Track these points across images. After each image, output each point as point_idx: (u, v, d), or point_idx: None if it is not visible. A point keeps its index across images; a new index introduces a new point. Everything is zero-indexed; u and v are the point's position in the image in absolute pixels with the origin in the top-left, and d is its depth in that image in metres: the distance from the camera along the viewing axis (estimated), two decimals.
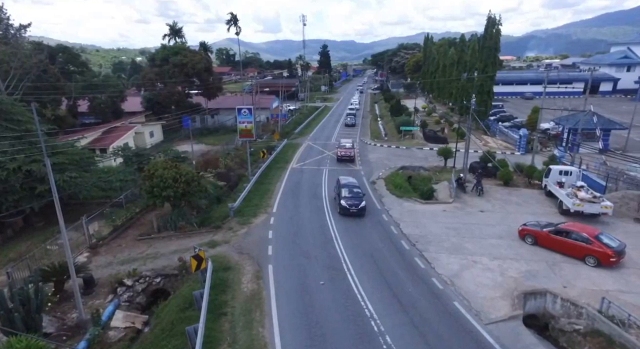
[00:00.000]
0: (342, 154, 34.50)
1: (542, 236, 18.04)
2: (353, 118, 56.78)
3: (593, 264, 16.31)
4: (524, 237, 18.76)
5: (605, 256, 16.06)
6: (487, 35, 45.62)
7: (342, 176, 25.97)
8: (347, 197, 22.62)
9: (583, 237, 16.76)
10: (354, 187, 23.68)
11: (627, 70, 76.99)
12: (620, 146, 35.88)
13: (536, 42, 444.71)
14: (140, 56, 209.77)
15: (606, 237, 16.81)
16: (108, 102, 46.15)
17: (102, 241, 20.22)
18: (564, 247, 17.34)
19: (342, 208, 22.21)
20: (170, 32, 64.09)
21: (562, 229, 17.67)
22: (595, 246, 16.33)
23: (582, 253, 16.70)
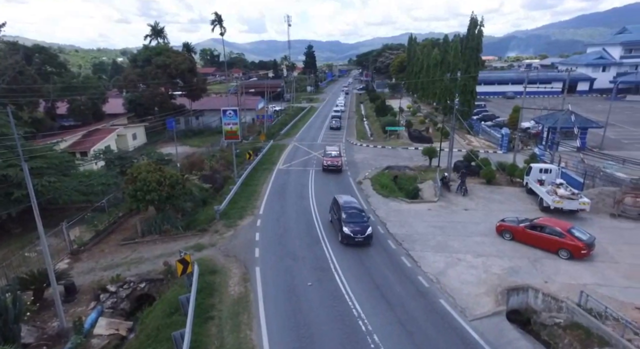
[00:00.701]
0: (328, 163, 31.76)
1: (519, 232, 18.59)
2: (338, 121, 55.01)
3: (566, 257, 17.00)
4: (502, 233, 19.25)
5: (577, 249, 16.78)
6: (470, 36, 46.46)
7: (339, 195, 21.98)
8: (349, 223, 18.71)
9: (556, 232, 17.45)
10: (356, 208, 19.74)
11: (603, 71, 79.63)
12: (597, 143, 37.07)
13: (517, 43, 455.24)
14: (121, 57, 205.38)
15: (577, 231, 17.54)
16: (88, 104, 45.00)
17: (83, 247, 19.75)
18: (539, 242, 17.95)
19: (345, 237, 18.48)
20: (152, 33, 62.99)
21: (537, 224, 18.28)
22: (568, 239, 17.04)
23: (555, 247, 17.36)
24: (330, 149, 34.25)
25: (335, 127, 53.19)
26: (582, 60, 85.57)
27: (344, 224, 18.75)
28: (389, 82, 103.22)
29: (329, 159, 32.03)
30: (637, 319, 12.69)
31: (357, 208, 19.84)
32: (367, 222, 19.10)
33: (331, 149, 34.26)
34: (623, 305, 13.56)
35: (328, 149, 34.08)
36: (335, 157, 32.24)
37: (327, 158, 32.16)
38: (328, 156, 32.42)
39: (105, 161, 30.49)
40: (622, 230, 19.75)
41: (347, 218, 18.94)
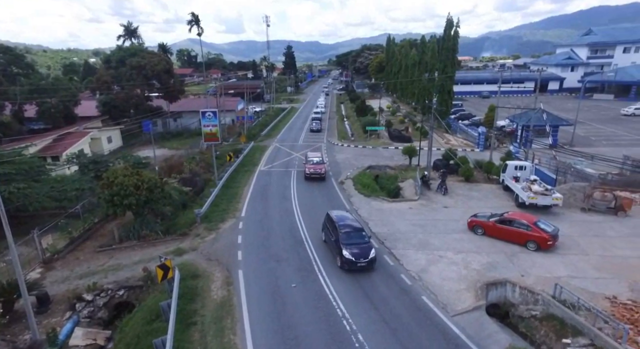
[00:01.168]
0: (310, 171, 29.66)
1: (489, 227, 19.27)
2: (319, 123, 53.85)
3: (533, 249, 17.83)
4: (473, 228, 19.86)
5: (543, 240, 17.65)
6: (446, 36, 47.44)
7: (333, 211, 19.79)
8: (349, 245, 16.53)
9: (524, 225, 18.27)
10: (355, 227, 17.61)
11: (571, 70, 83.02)
12: (568, 141, 38.60)
13: (491, 43, 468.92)
14: (93, 57, 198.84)
15: (543, 223, 18.42)
16: (59, 107, 43.29)
17: (57, 255, 19.00)
18: (508, 235, 18.69)
19: (347, 262, 16.18)
20: (125, 33, 61.38)
21: (505, 218, 19.03)
22: (535, 231, 17.89)
23: (524, 239, 18.15)
24: (312, 155, 32.54)
25: (315, 130, 51.87)
26: (552, 61, 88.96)
27: (344, 246, 16.43)
28: (368, 83, 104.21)
29: (312, 166, 30.07)
30: (606, 309, 13.33)
31: (356, 227, 17.71)
32: (368, 243, 17.00)
33: (313, 155, 32.59)
34: (594, 295, 14.18)
35: (310, 156, 32.29)
36: (318, 164, 30.38)
37: (310, 166, 30.14)
38: (310, 163, 30.48)
39: (79, 165, 29.42)
40: (591, 223, 20.65)
41: (346, 239, 16.71)
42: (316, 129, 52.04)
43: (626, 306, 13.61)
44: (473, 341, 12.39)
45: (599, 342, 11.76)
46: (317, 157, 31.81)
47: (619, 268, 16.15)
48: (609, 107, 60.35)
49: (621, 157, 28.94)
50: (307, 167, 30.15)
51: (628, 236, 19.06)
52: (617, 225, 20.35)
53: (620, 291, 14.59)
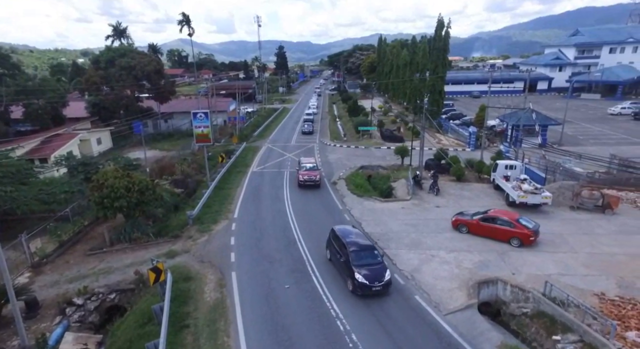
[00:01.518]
0: (305, 178, 27.93)
1: (473, 224, 19.56)
2: (310, 125, 52.21)
3: (517, 245, 18.22)
4: (458, 227, 20.09)
5: (526, 237, 18.07)
6: (437, 37, 47.82)
7: (339, 226, 18.09)
8: (362, 267, 14.82)
9: (507, 222, 18.63)
10: (365, 245, 16.03)
11: (559, 70, 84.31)
12: (556, 140, 39.21)
13: (481, 44, 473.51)
14: (82, 57, 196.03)
15: (524, 220, 18.81)
16: (47, 108, 42.59)
17: (46, 259, 18.72)
18: (492, 233, 19.01)
19: (360, 286, 14.47)
20: (114, 33, 60.60)
21: (489, 216, 19.36)
22: (518, 228, 18.28)
23: (507, 236, 18.52)
24: (305, 161, 30.51)
25: (307, 132, 50.44)
26: (540, 61, 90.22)
27: (355, 268, 14.76)
28: (360, 83, 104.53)
29: (306, 172, 28.23)
30: (595, 305, 13.58)
31: (367, 244, 16.15)
32: (382, 263, 15.37)
33: (307, 161, 30.56)
34: (583, 292, 14.44)
35: (303, 161, 30.29)
36: (313, 171, 28.56)
37: (304, 172, 28.29)
38: (304, 169, 28.68)
39: (68, 167, 28.98)
40: (580, 221, 21.02)
41: (357, 260, 15.08)
42: (308, 131, 50.66)
43: (614, 303, 13.90)
44: (465, 340, 12.52)
45: (587, 338, 11.98)
46: (311, 163, 30.01)
47: (607, 265, 16.47)
48: (596, 107, 61.45)
49: (608, 156, 29.52)
50: (300, 174, 28.24)
51: (615, 234, 19.44)
52: (605, 223, 20.74)
53: (608, 287, 14.88)
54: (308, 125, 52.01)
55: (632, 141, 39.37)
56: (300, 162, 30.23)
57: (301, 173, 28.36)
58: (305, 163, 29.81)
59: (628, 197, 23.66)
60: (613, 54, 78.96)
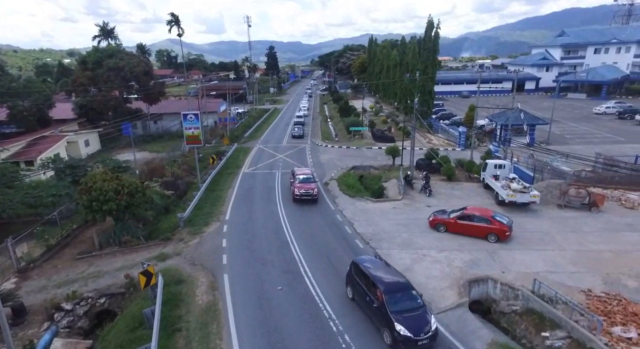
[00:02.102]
0: (301, 192, 24.94)
1: (451, 223, 19.85)
2: (301, 128, 50.04)
3: (494, 241, 18.73)
4: (436, 226, 20.31)
5: (503, 232, 18.62)
6: (427, 37, 48.21)
7: (362, 258, 15.07)
8: (401, 314, 12.04)
9: (484, 219, 19.06)
10: (401, 285, 13.10)
11: (546, 70, 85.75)
12: (544, 139, 39.87)
13: (470, 44, 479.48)
14: (68, 58, 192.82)
15: (499, 216, 19.34)
16: (32, 109, 41.74)
17: (33, 264, 18.35)
18: (470, 230, 19.37)
19: (403, 340, 11.58)
20: (101, 33, 59.63)
21: (466, 214, 19.71)
22: (494, 224, 18.76)
23: (484, 232, 18.94)
24: (300, 172, 27.48)
25: (297, 136, 48.09)
26: (528, 61, 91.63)
27: (394, 317, 11.90)
28: (351, 83, 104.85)
29: (302, 185, 25.28)
30: (582, 302, 13.86)
31: (403, 283, 13.19)
32: (423, 305, 12.61)
33: (301, 172, 27.56)
34: (570, 289, 14.72)
35: (297, 172, 27.38)
36: (309, 183, 25.70)
37: (299, 185, 25.35)
38: (298, 181, 25.78)
39: (55, 170, 28.45)
40: (567, 219, 21.41)
41: (394, 304, 12.19)
42: (298, 134, 48.46)
43: (600, 299, 14.20)
44: (457, 338, 12.67)
45: (575, 334, 12.22)
46: (306, 174, 27.04)
47: (593, 262, 16.83)
48: (582, 106, 62.64)
49: (594, 155, 30.13)
50: (296, 187, 25.36)
51: (601, 231, 19.87)
52: (591, 220, 21.18)
53: (594, 284, 15.20)
54: (298, 128, 50.14)
55: (616, 140, 40.24)
56: (295, 174, 27.24)
57: (296, 186, 25.42)
58: (300, 174, 26.76)
59: (613, 195, 24.17)
60: (598, 55, 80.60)
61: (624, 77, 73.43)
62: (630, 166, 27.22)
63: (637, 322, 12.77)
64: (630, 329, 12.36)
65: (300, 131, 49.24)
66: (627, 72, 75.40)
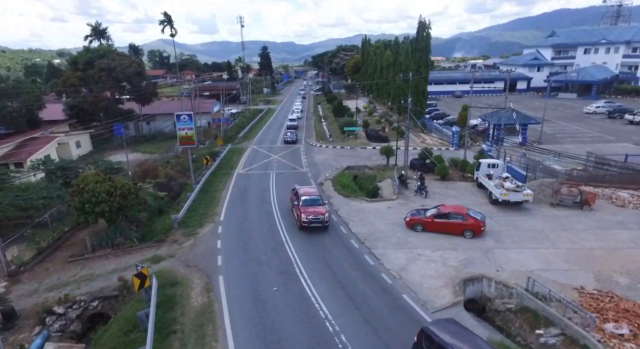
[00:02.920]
0: (310, 218, 20.01)
1: (428, 222, 20.08)
2: (294, 133, 46.28)
3: (470, 236, 19.17)
4: (413, 226, 20.42)
5: (478, 227, 19.25)
6: (419, 38, 48.48)
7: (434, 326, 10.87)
8: None
9: (459, 216, 19.45)
10: None
11: (538, 70, 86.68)
12: (536, 138, 40.28)
13: (462, 44, 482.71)
14: (58, 58, 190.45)
15: (472, 212, 19.75)
16: (22, 111, 41.11)
17: (24, 267, 18.09)
18: (447, 228, 19.71)
19: None
20: (93, 33, 58.98)
21: (441, 212, 20.01)
22: (470, 220, 19.16)
23: (461, 229, 19.35)
24: (304, 191, 22.37)
25: (290, 141, 44.53)
26: (519, 61, 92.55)
27: None
28: (345, 83, 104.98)
29: (309, 209, 20.35)
30: (575, 299, 14.02)
31: None
32: None
33: (306, 191, 22.46)
34: (564, 287, 14.88)
35: (301, 191, 22.15)
36: (317, 206, 20.80)
37: (307, 209, 20.34)
38: (304, 204, 20.79)
39: (46, 172, 28.06)
40: (560, 218, 21.65)
41: None
42: (291, 140, 44.83)
43: (592, 296, 14.37)
44: None
45: (569, 331, 12.36)
46: (313, 194, 22.05)
47: (586, 260, 17.03)
48: (573, 106, 63.42)
49: (585, 154, 30.50)
50: (302, 212, 20.19)
51: (593, 229, 20.12)
52: (583, 218, 21.44)
53: (587, 281, 15.39)
54: (291, 133, 46.19)
55: (606, 139, 40.80)
56: (297, 193, 22.11)
57: (303, 210, 20.46)
58: (304, 193, 21.83)
59: (604, 194, 24.49)
60: (587, 55, 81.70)
61: (613, 77, 74.56)
62: (620, 164, 27.59)
63: (629, 318, 12.95)
64: (622, 325, 12.52)
65: (293, 136, 45.47)
66: (616, 72, 76.57)
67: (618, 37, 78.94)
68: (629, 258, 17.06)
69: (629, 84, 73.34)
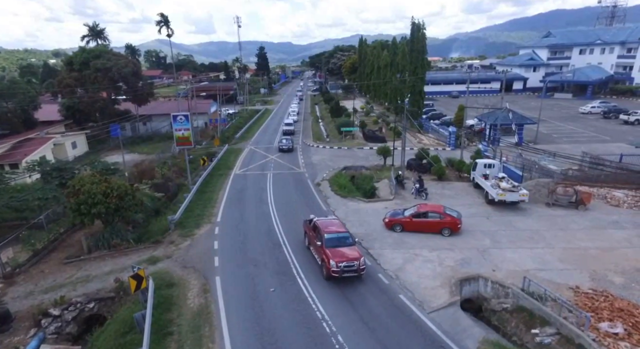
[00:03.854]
0: (342, 265, 15.28)
1: (407, 222, 20.26)
2: (289, 140, 41.63)
3: (447, 234, 19.51)
4: (392, 227, 20.55)
5: (455, 225, 19.66)
6: (415, 39, 48.65)
7: None
8: None
9: (437, 214, 19.73)
10: None
11: (534, 71, 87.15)
12: (532, 138, 40.49)
13: (459, 44, 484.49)
14: (53, 58, 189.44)
15: (449, 210, 20.07)
16: (17, 111, 40.85)
17: (19, 269, 17.96)
18: (425, 227, 19.96)
19: None
20: (90, 33, 58.65)
21: (420, 212, 20.25)
22: (447, 218, 19.50)
23: (438, 227, 19.66)
24: (326, 225, 17.43)
25: (286, 149, 40.33)
26: (515, 61, 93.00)
27: None
28: (342, 84, 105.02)
29: (338, 252, 15.77)
30: (570, 298, 14.10)
31: None
32: None
33: (328, 225, 17.45)
34: (559, 286, 14.98)
35: (322, 225, 17.35)
36: (347, 247, 16.22)
37: (334, 252, 15.72)
38: (332, 245, 16.11)
39: (41, 173, 27.89)
40: (556, 217, 21.77)
41: None
42: (287, 148, 40.31)
43: (587, 295, 14.47)
44: (449, 336, 12.77)
45: (564, 330, 12.43)
46: (338, 231, 17.06)
47: (581, 259, 17.14)
48: (568, 106, 63.79)
49: (580, 154, 30.70)
50: (330, 257, 15.49)
51: (588, 229, 20.25)
52: (578, 218, 21.57)
53: (582, 281, 15.49)
54: (287, 140, 41.79)
55: (601, 139, 41.07)
56: (318, 227, 17.30)
57: (331, 254, 15.63)
58: (328, 232, 16.76)
59: (599, 193, 24.66)
60: (583, 55, 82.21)
61: (609, 78, 75.04)
62: (615, 164, 27.78)
63: (623, 317, 13.05)
64: (616, 324, 12.62)
65: (289, 144, 40.86)
66: (611, 73, 77.08)
67: (613, 38, 79.50)
68: (623, 257, 17.19)
69: (623, 84, 73.83)
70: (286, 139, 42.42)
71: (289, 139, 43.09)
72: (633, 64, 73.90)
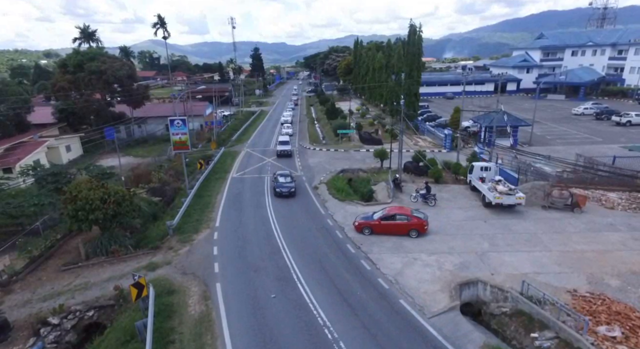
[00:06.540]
0: None
1: (376, 225, 20.56)
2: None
3: (415, 236, 20.11)
4: (362, 230, 20.81)
5: (422, 226, 20.12)
6: (410, 41, 48.83)
7: None
8: None
9: (405, 216, 20.10)
10: None
11: (527, 72, 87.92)
12: (526, 140, 40.89)
13: (452, 45, 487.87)
14: (45, 59, 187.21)
15: (416, 212, 20.57)
16: (9, 114, 40.32)
17: (16, 277, 17.78)
18: (393, 229, 20.30)
19: None
20: (82, 35, 58.06)
21: (388, 214, 20.59)
22: (414, 220, 19.89)
23: (406, 229, 20.05)
24: None
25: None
26: (509, 63, 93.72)
27: None
28: (337, 85, 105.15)
29: None
30: (568, 302, 14.30)
31: None
32: None
33: None
34: (557, 290, 15.16)
35: None
36: None
37: None
38: None
39: (36, 177, 27.57)
40: (552, 220, 22.02)
41: None
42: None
43: (585, 298, 14.67)
44: (449, 342, 12.87)
45: (563, 334, 12.60)
46: None
47: (578, 262, 17.36)
48: (561, 107, 64.51)
49: (574, 156, 31.07)
50: None
51: (584, 231, 20.52)
52: (574, 221, 21.84)
53: (579, 284, 15.70)
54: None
55: (594, 140, 41.60)
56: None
57: None
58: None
59: (594, 196, 24.99)
60: (575, 57, 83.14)
61: (600, 79, 75.98)
62: (609, 167, 28.14)
63: (621, 321, 13.26)
64: (614, 328, 12.82)
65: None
66: (603, 74, 78.05)
67: (604, 40, 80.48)
68: (619, 260, 17.45)
69: (615, 85, 74.81)
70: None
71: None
72: (624, 66, 74.90)
